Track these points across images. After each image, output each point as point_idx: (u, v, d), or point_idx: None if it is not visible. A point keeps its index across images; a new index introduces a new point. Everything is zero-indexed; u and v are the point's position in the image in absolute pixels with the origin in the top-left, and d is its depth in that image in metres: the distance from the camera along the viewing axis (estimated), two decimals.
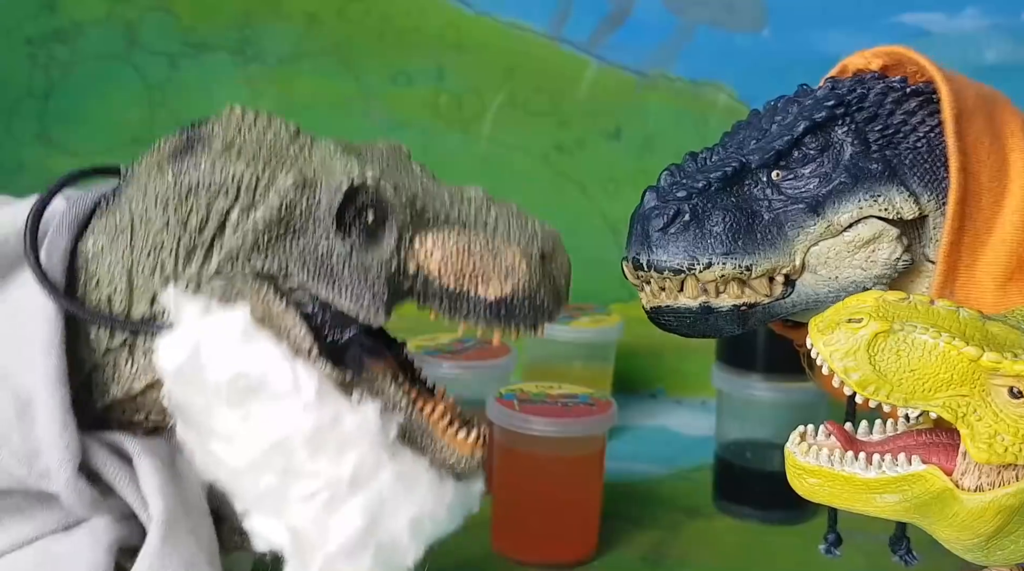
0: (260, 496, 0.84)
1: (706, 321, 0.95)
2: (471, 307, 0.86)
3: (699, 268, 0.93)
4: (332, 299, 0.84)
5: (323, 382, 0.83)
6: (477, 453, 0.90)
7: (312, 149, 0.87)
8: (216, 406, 0.83)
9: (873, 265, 0.96)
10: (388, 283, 0.85)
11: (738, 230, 0.93)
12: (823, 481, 0.85)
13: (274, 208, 0.84)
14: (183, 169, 0.85)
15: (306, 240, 0.84)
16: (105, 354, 0.87)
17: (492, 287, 0.86)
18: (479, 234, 0.86)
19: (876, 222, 0.96)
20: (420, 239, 0.86)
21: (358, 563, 0.84)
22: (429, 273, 0.86)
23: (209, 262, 0.84)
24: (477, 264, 0.86)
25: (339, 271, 0.84)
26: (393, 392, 0.87)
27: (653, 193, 0.95)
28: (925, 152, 0.97)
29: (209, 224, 0.84)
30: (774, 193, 0.96)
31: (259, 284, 0.84)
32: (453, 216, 0.87)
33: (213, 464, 0.85)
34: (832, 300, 0.96)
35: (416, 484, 0.86)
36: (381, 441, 0.84)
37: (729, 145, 1.00)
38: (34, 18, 1.86)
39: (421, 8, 1.84)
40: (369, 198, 0.84)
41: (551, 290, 0.88)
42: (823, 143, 0.97)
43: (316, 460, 0.83)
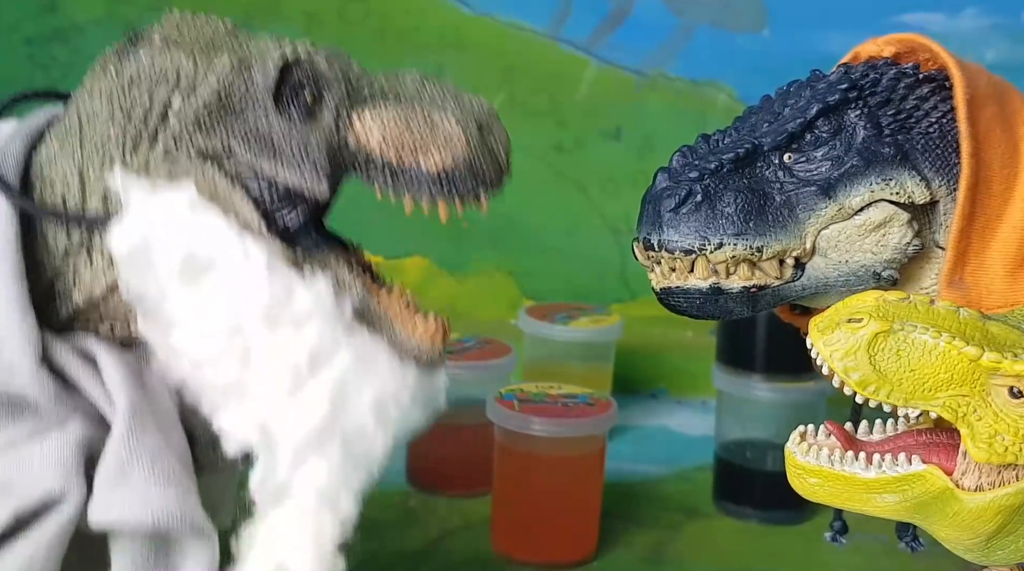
0: (224, 388, 0.85)
1: (716, 302, 0.95)
2: (413, 180, 0.88)
3: (710, 249, 0.93)
4: (275, 172, 0.86)
5: (272, 254, 0.85)
6: (437, 340, 0.90)
7: (249, 39, 0.90)
8: (170, 289, 0.84)
9: (883, 249, 0.96)
10: (328, 155, 0.87)
11: (749, 211, 0.93)
12: (823, 481, 0.85)
13: (213, 89, 0.86)
14: (124, 63, 0.88)
15: (246, 118, 0.86)
16: (64, 258, 0.88)
17: (432, 159, 0.88)
18: (416, 109, 0.88)
19: (887, 206, 0.96)
20: (359, 115, 0.88)
21: (327, 453, 0.85)
22: (370, 149, 0.88)
23: (155, 148, 0.86)
24: (416, 137, 0.88)
25: (280, 145, 0.86)
26: (346, 275, 0.89)
27: (665, 174, 0.95)
28: (937, 137, 0.98)
29: (152, 112, 0.86)
30: (786, 175, 0.96)
31: (203, 163, 0.86)
32: (390, 92, 0.90)
33: (175, 359, 0.86)
34: (842, 284, 0.96)
35: (375, 364, 0.87)
36: (336, 317, 0.86)
37: (741, 128, 1.00)
38: (34, 18, 1.86)
39: (421, 8, 1.84)
40: (304, 74, 0.87)
41: (491, 159, 0.91)
42: (836, 126, 0.97)
43: (272, 337, 0.84)
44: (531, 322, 1.58)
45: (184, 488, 0.85)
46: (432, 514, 1.36)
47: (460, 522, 1.34)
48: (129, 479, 0.83)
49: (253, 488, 0.87)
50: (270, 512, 0.87)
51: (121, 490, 0.83)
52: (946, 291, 0.95)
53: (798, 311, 1.06)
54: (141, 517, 0.82)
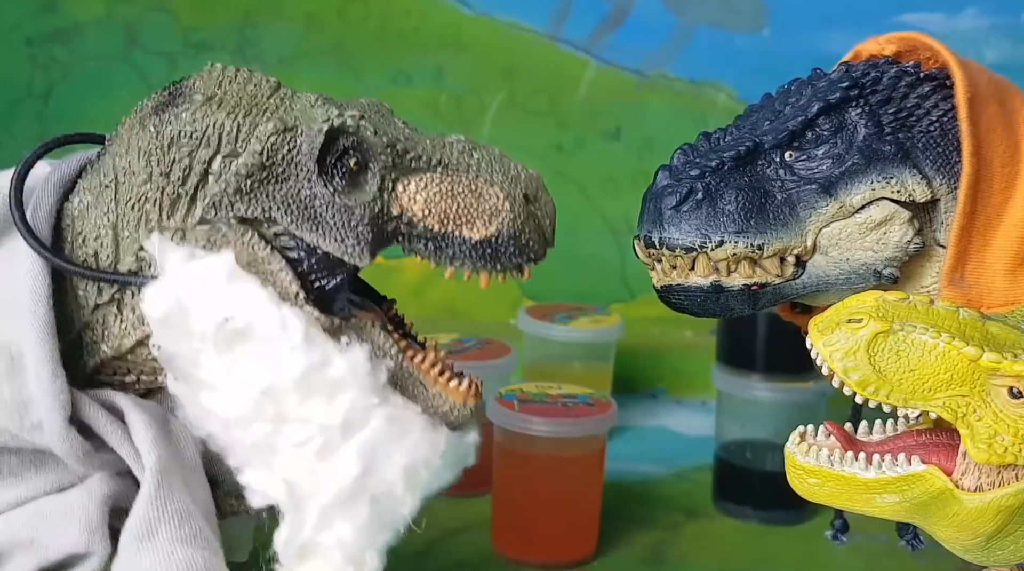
0: (252, 447, 0.85)
1: (716, 300, 0.95)
2: (456, 248, 0.87)
3: (711, 246, 0.93)
4: (316, 242, 0.85)
5: (310, 325, 0.84)
6: (470, 401, 0.90)
7: (293, 100, 0.88)
8: (204, 353, 0.83)
9: (884, 247, 0.96)
10: (371, 225, 0.85)
11: (750, 209, 0.93)
12: (823, 481, 0.85)
13: (256, 154, 0.84)
14: (165, 121, 0.85)
15: (289, 185, 0.85)
16: (94, 311, 0.88)
17: (477, 228, 0.87)
18: (462, 177, 0.87)
19: (888, 204, 0.96)
20: (403, 183, 0.87)
21: (354, 513, 0.85)
22: (413, 216, 0.86)
23: (193, 211, 0.85)
24: (461, 206, 0.87)
25: (322, 214, 0.85)
26: (382, 340, 0.88)
27: (666, 171, 0.95)
28: (938, 136, 0.98)
29: (192, 174, 0.85)
30: (787, 173, 0.96)
31: (243, 229, 0.84)
32: (436, 160, 0.87)
33: (205, 417, 0.86)
34: (843, 282, 0.96)
35: (408, 429, 0.86)
36: (371, 385, 0.85)
37: (743, 126, 1.00)
38: (34, 18, 1.86)
39: (421, 8, 1.84)
40: (350, 142, 0.85)
41: (536, 230, 0.90)
42: (837, 124, 0.97)
43: (306, 405, 0.83)
44: (531, 322, 1.58)
45: (211, 549, 0.84)
46: (432, 514, 1.35)
47: (460, 522, 1.34)
48: (156, 539, 0.83)
49: (278, 546, 0.86)
50: (294, 568, 0.86)
51: (147, 550, 0.83)
52: (947, 289, 0.95)
53: (799, 309, 1.06)
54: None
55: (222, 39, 1.85)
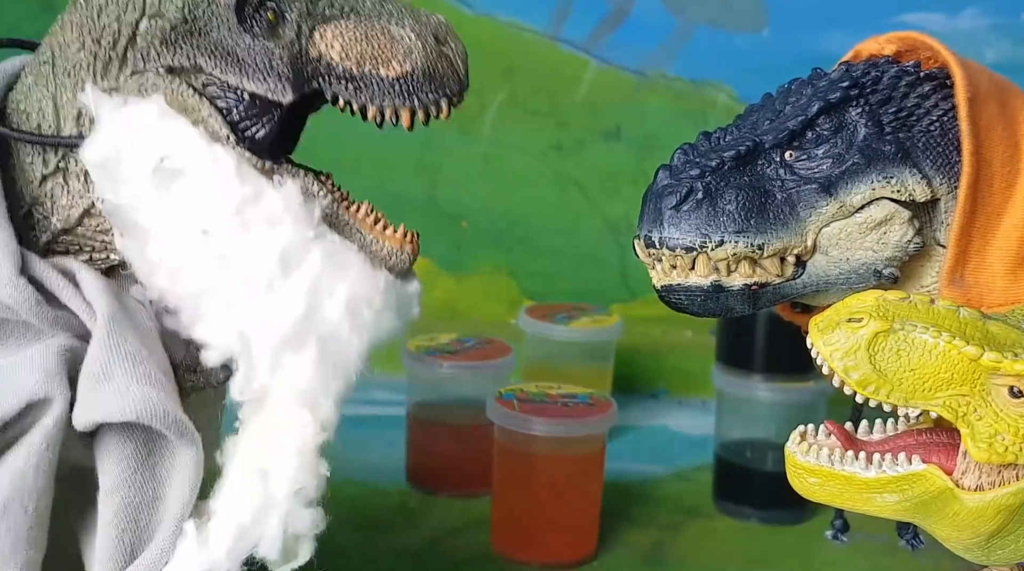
0: (199, 294, 0.88)
1: (717, 300, 0.95)
2: (375, 87, 0.91)
3: (711, 246, 0.93)
4: (241, 83, 0.89)
5: (241, 162, 0.89)
6: (407, 247, 0.94)
7: None
8: (143, 197, 0.87)
9: (884, 247, 0.96)
10: (291, 63, 0.90)
11: (751, 209, 0.93)
12: (823, 480, 0.85)
13: (178, 9, 0.89)
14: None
15: (211, 36, 0.89)
16: (41, 184, 0.92)
17: (392, 67, 0.91)
18: (374, 22, 0.92)
19: (888, 204, 0.96)
20: (320, 31, 0.91)
21: (303, 354, 0.87)
22: (331, 60, 0.91)
23: (125, 70, 0.90)
24: (376, 47, 0.91)
25: (244, 57, 0.89)
26: (315, 187, 0.92)
27: (666, 171, 0.95)
28: (938, 135, 0.98)
29: (121, 37, 0.89)
30: (787, 173, 0.96)
31: (171, 78, 0.89)
32: (348, 7, 0.92)
33: (152, 272, 0.89)
34: (843, 282, 0.96)
35: (347, 264, 0.90)
36: (306, 218, 0.89)
37: (743, 125, 1.00)
38: (34, 18, 1.86)
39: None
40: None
41: (449, 67, 0.94)
42: (837, 124, 0.97)
43: (244, 239, 0.87)
44: (531, 322, 1.58)
45: (166, 390, 0.87)
46: (432, 514, 1.36)
47: (460, 522, 1.34)
48: (111, 378, 0.86)
49: (234, 395, 0.89)
50: (252, 419, 0.89)
51: (104, 388, 0.85)
52: (947, 289, 0.95)
53: (799, 309, 1.06)
54: (124, 413, 0.84)
55: None
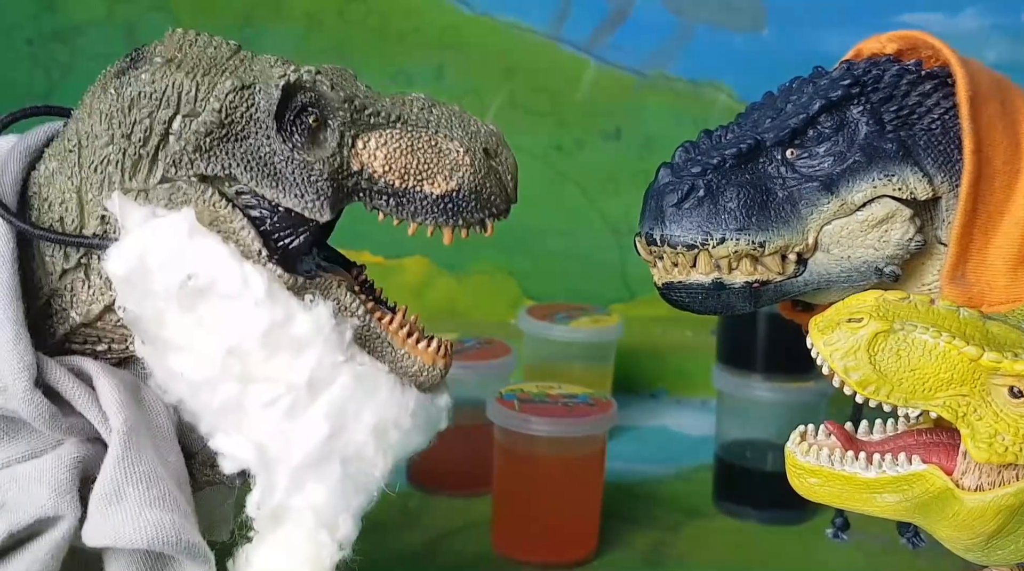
0: (221, 409, 0.85)
1: (718, 297, 0.95)
2: (418, 204, 0.88)
3: (712, 243, 0.93)
4: (277, 198, 0.85)
5: (273, 281, 0.85)
6: (440, 362, 0.91)
7: (253, 61, 0.88)
8: (168, 312, 0.84)
9: (886, 245, 0.96)
10: (331, 179, 0.86)
11: (752, 207, 0.93)
12: (823, 480, 0.85)
13: (215, 111, 0.85)
14: (125, 83, 0.86)
15: (248, 143, 0.85)
16: (62, 277, 0.88)
17: (438, 183, 0.87)
18: (421, 132, 0.88)
19: (890, 202, 0.96)
20: (363, 139, 0.87)
21: (325, 475, 0.85)
22: (374, 172, 0.87)
23: (155, 171, 0.85)
24: (421, 161, 0.87)
25: (282, 170, 0.85)
26: (348, 299, 0.89)
27: (668, 169, 0.95)
28: (939, 134, 0.98)
29: (153, 134, 0.85)
30: (788, 171, 0.96)
31: (204, 187, 0.85)
32: (395, 116, 0.88)
33: (173, 380, 0.86)
34: (844, 280, 0.96)
35: (376, 387, 0.87)
36: (336, 341, 0.86)
37: (744, 123, 1.00)
38: (34, 18, 1.86)
39: (421, 8, 1.84)
40: (308, 98, 0.86)
41: (497, 184, 0.90)
42: (838, 122, 0.97)
43: (271, 363, 0.84)
44: (531, 322, 1.58)
45: (180, 512, 0.84)
46: (432, 514, 1.36)
47: (460, 522, 1.34)
48: (124, 501, 0.83)
49: (250, 510, 0.86)
50: (268, 534, 0.87)
51: (116, 512, 0.83)
52: (948, 287, 0.96)
53: (800, 308, 1.06)
54: (135, 540, 0.82)
55: None
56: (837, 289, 0.98)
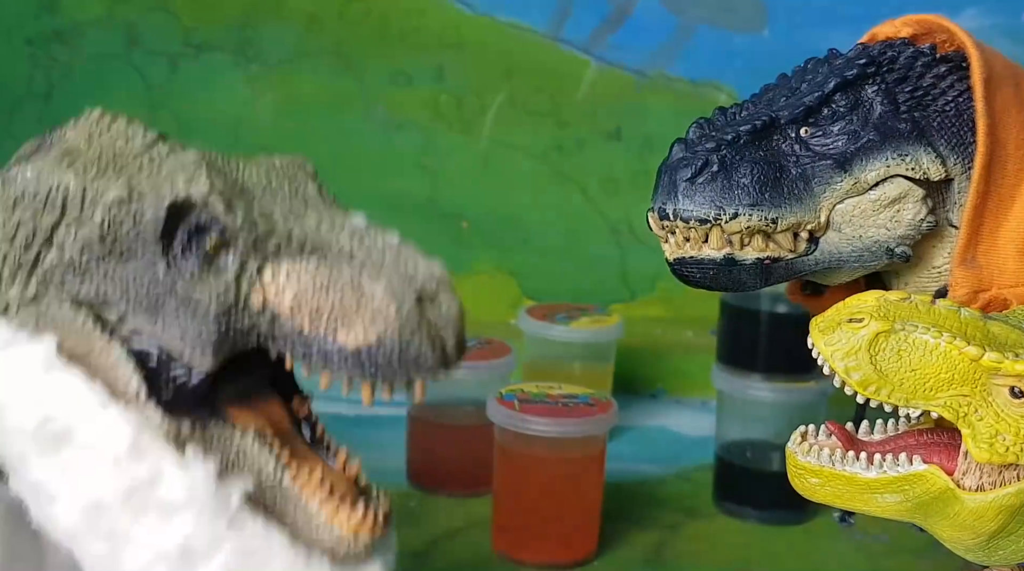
0: (97, 565, 0.73)
1: (729, 273, 0.95)
2: (327, 355, 0.71)
3: (725, 218, 0.93)
4: (155, 335, 0.72)
5: (141, 432, 0.72)
6: (364, 534, 0.74)
7: (166, 159, 0.75)
8: (30, 455, 0.72)
9: (897, 225, 0.96)
10: (218, 320, 0.71)
11: (765, 183, 0.94)
12: (824, 481, 0.85)
13: (96, 224, 0.72)
14: (11, 178, 0.75)
15: (132, 265, 0.72)
16: None
17: (354, 333, 0.70)
18: (343, 268, 0.71)
19: (902, 182, 0.96)
20: (272, 270, 0.72)
21: None
22: (280, 312, 0.71)
23: (29, 286, 0.74)
24: (337, 304, 0.71)
25: (162, 302, 0.72)
26: (255, 450, 0.74)
27: (681, 144, 0.96)
28: (953, 116, 0.98)
29: (35, 241, 0.74)
30: (802, 149, 0.96)
31: (75, 312, 0.73)
32: (313, 245, 0.72)
33: (49, 525, 0.74)
34: (855, 259, 0.97)
35: (268, 564, 0.73)
36: (216, 508, 0.72)
37: (759, 102, 1.01)
38: (34, 18, 1.86)
39: (421, 8, 1.84)
40: (204, 218, 0.72)
41: (427, 341, 0.71)
42: (853, 101, 0.97)
43: (140, 524, 0.71)
44: (531, 322, 1.58)
45: None
46: (432, 514, 1.36)
47: (460, 522, 1.34)
48: None
49: None
50: None
51: None
52: (959, 269, 0.96)
53: (808, 291, 1.06)
54: None
55: (222, 39, 1.85)
56: (848, 269, 0.98)
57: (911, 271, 1.02)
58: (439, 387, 1.45)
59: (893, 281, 1.05)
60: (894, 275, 1.04)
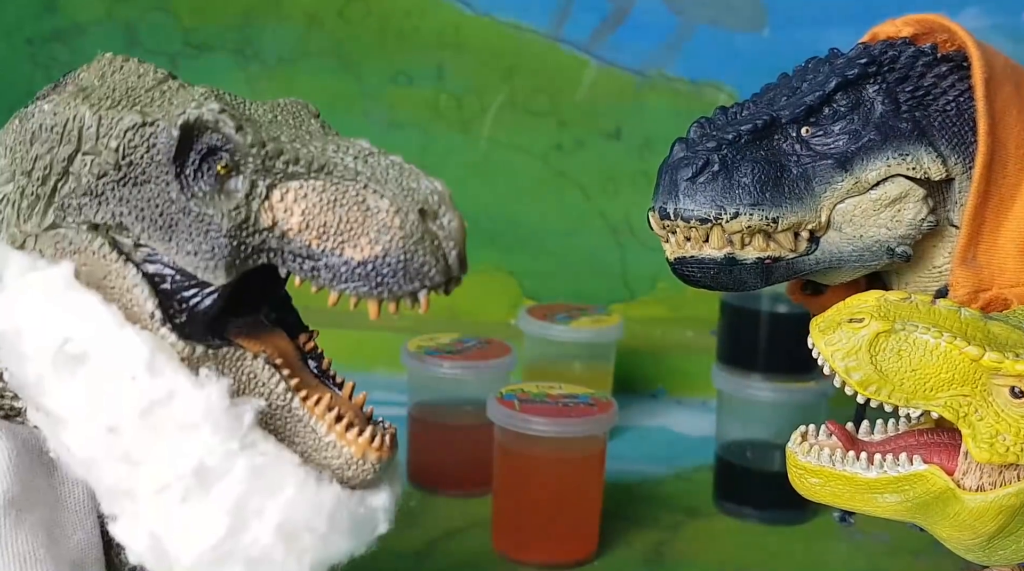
0: (113, 492, 0.75)
1: (730, 273, 0.95)
2: (338, 269, 0.74)
3: (726, 218, 0.93)
4: (170, 254, 0.75)
5: (157, 352, 0.74)
6: (371, 456, 0.77)
7: (176, 93, 0.78)
8: (47, 379, 0.74)
9: (898, 225, 0.97)
10: (231, 236, 0.74)
11: (766, 182, 0.94)
12: (824, 481, 0.85)
13: (112, 151, 0.75)
14: (28, 114, 0.79)
15: (147, 189, 0.75)
16: None
17: (360, 247, 0.73)
18: (348, 186, 0.74)
19: (903, 181, 0.96)
20: (280, 190, 0.75)
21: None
22: (288, 229, 0.75)
23: (47, 215, 0.77)
24: (344, 220, 0.74)
25: (177, 222, 0.74)
26: (265, 374, 0.77)
27: (682, 144, 0.96)
28: (954, 115, 0.98)
29: (52, 173, 0.77)
30: (803, 148, 0.96)
31: (92, 237, 0.76)
32: (319, 165, 0.75)
33: (66, 453, 0.76)
34: (855, 259, 0.97)
35: (280, 483, 0.75)
36: (230, 427, 0.74)
37: (760, 101, 1.01)
38: (34, 18, 1.86)
39: (421, 8, 1.84)
40: (216, 140, 0.75)
41: (431, 253, 0.74)
42: (854, 101, 0.98)
43: (155, 445, 0.74)
44: (531, 322, 1.58)
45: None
46: (432, 514, 1.36)
47: (460, 522, 1.34)
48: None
49: None
50: None
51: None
52: (959, 269, 0.96)
53: (809, 290, 1.06)
54: None
55: (222, 39, 1.85)
56: (848, 268, 0.98)
57: (912, 271, 1.02)
58: (439, 387, 1.46)
59: (893, 281, 1.05)
60: (894, 275, 1.04)
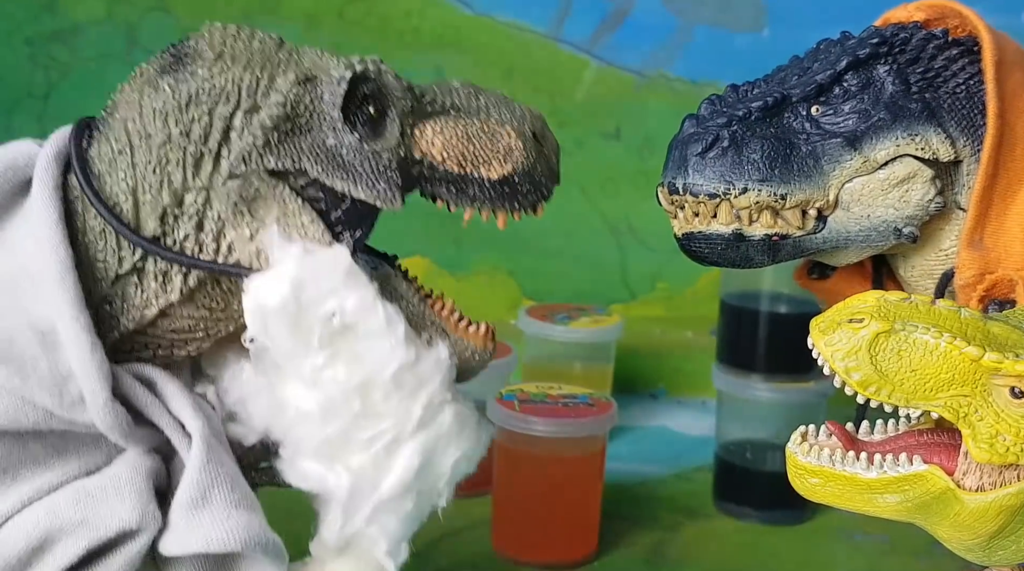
0: (324, 441, 0.86)
1: (737, 249, 0.96)
2: (476, 189, 0.89)
3: (735, 193, 0.93)
4: (348, 190, 0.86)
5: (400, 324, 0.86)
6: (488, 345, 0.93)
7: (300, 54, 0.89)
8: (306, 346, 0.85)
9: (906, 205, 0.97)
10: (400, 168, 0.87)
11: (775, 159, 0.94)
12: (824, 481, 0.85)
13: (279, 105, 0.85)
14: (180, 79, 0.85)
15: (313, 136, 0.85)
16: (114, 284, 0.86)
17: (494, 168, 0.89)
18: (473, 119, 0.89)
19: (912, 161, 0.97)
20: (420, 128, 0.89)
21: (402, 506, 0.88)
22: (433, 159, 0.89)
23: (219, 168, 0.85)
24: (477, 147, 0.89)
25: (351, 161, 0.86)
26: (404, 288, 0.90)
27: (692, 120, 0.96)
28: (964, 98, 0.99)
29: (214, 131, 0.85)
30: (813, 127, 0.97)
31: (274, 182, 0.85)
32: (447, 104, 0.90)
33: (278, 409, 0.86)
34: (862, 239, 0.97)
35: (466, 424, 0.89)
36: (448, 380, 0.88)
37: (771, 80, 1.01)
38: (34, 18, 1.86)
39: (421, 8, 1.84)
40: (370, 88, 0.87)
41: (546, 166, 0.93)
42: (864, 80, 0.98)
43: (390, 400, 0.86)
44: (531, 322, 1.58)
45: (260, 512, 0.85)
46: (432, 514, 1.36)
47: (460, 522, 1.34)
48: (210, 505, 0.83)
49: (322, 535, 0.88)
50: (329, 561, 0.89)
51: (202, 517, 0.82)
52: (966, 252, 0.96)
53: (815, 274, 1.07)
54: (227, 543, 0.82)
55: None
56: (855, 248, 0.98)
57: (918, 253, 1.02)
58: None
59: (900, 263, 1.05)
60: (901, 257, 1.04)
